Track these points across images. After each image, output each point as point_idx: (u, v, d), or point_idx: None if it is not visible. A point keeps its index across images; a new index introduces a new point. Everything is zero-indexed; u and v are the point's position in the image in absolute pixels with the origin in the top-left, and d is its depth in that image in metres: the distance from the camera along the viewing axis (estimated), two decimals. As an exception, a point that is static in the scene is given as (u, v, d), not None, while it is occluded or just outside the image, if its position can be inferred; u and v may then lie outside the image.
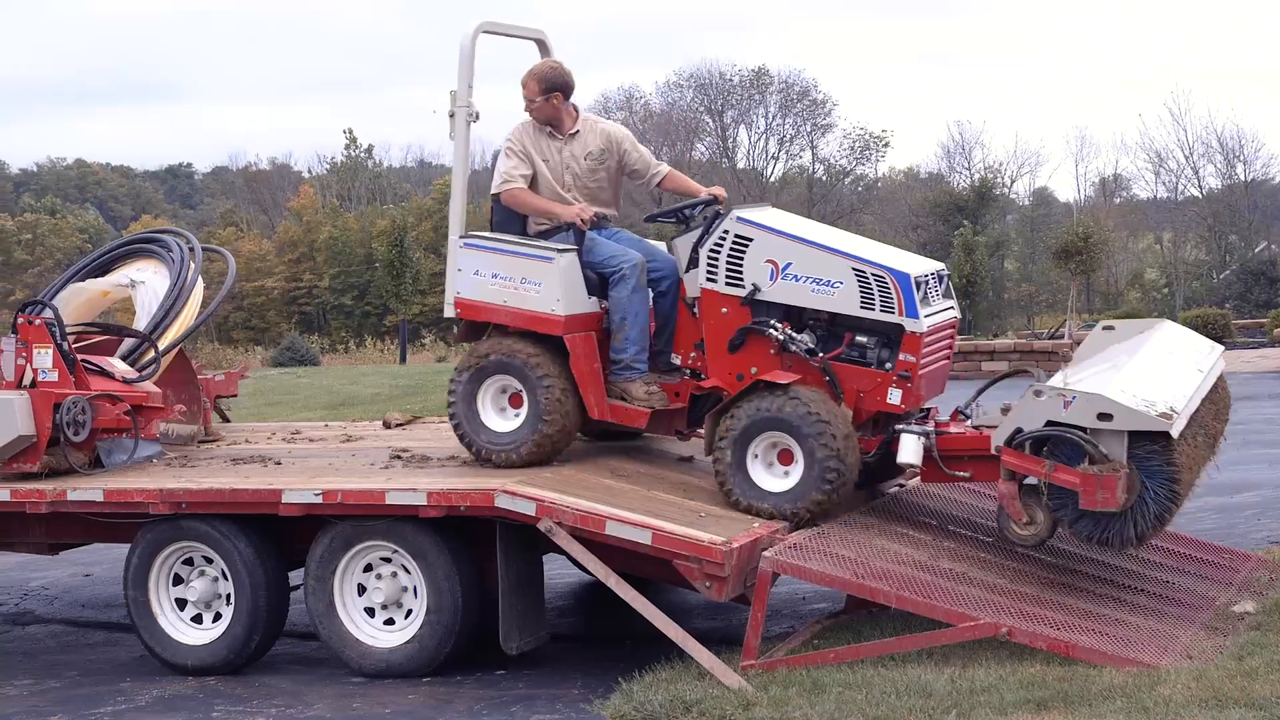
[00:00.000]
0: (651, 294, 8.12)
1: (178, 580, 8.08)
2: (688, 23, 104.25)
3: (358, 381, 23.86)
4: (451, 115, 8.23)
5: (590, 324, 8.01)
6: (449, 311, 8.22)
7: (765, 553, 7.02)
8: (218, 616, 8.03)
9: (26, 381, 8.38)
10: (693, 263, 7.91)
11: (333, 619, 7.71)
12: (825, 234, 8.00)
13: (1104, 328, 7.97)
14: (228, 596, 7.95)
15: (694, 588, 7.03)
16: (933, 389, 7.84)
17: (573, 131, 8.33)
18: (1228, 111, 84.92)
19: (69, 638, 9.34)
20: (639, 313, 7.97)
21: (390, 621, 7.72)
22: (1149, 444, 6.90)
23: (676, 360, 8.07)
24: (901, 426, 7.59)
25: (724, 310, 7.79)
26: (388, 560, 7.69)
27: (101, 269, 10.24)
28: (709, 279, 7.81)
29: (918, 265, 7.74)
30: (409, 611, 7.67)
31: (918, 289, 7.49)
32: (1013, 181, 61.03)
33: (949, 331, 7.94)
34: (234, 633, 7.91)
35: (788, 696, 6.39)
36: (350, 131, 68.25)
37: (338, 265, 56.38)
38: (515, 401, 7.99)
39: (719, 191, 8.22)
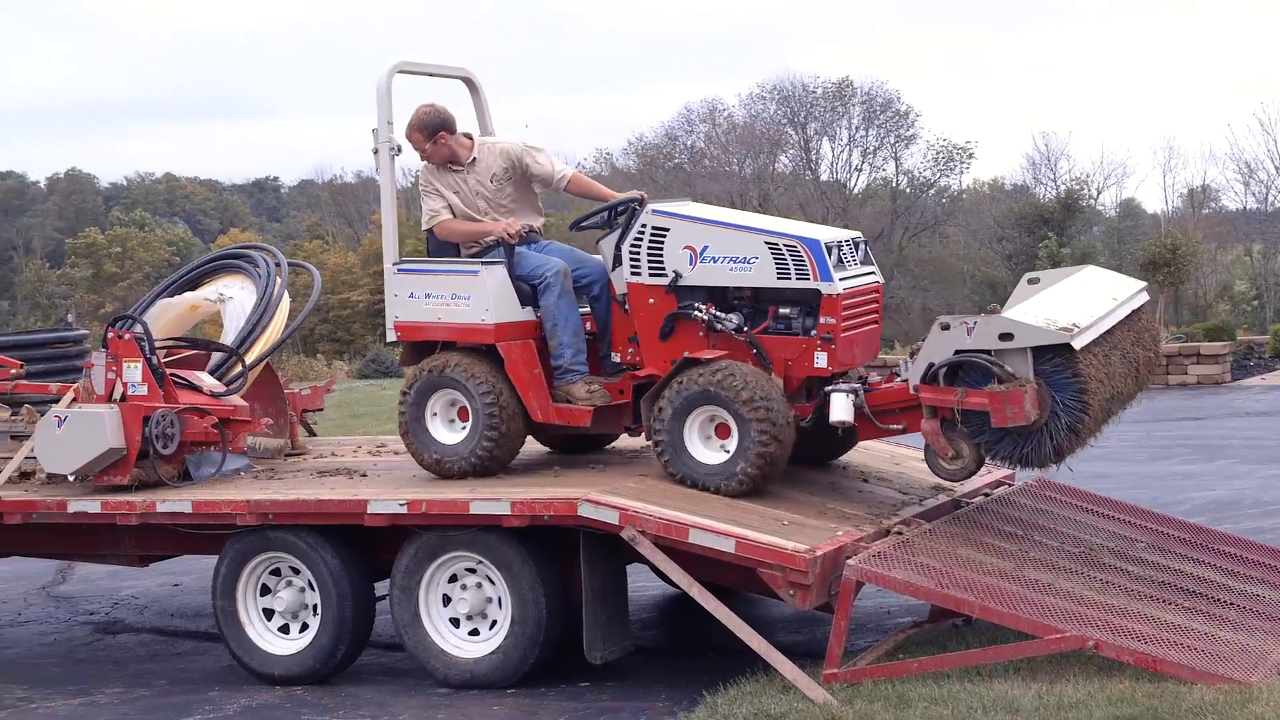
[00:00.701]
0: (587, 300, 8.34)
1: (265, 590, 8.17)
2: (771, 34, 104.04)
3: (441, 394, 23.95)
4: (375, 152, 8.41)
5: (525, 332, 8.17)
6: (390, 337, 8.46)
7: (849, 561, 6.99)
8: (305, 626, 8.11)
9: (116, 395, 8.50)
10: (617, 261, 8.12)
11: (418, 629, 7.76)
12: (738, 216, 8.40)
13: (1029, 280, 8.08)
14: (314, 607, 8.02)
15: (778, 596, 7.03)
16: (863, 352, 8.04)
17: (471, 160, 8.50)
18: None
19: (158, 646, 9.45)
20: (569, 317, 8.16)
21: (475, 632, 7.75)
22: (1053, 358, 7.11)
23: (616, 358, 8.25)
24: (831, 388, 7.72)
25: (651, 301, 8.02)
26: (472, 571, 7.73)
27: (190, 284, 10.38)
28: (633, 273, 8.04)
29: (829, 233, 8.01)
30: (494, 622, 7.70)
31: (830, 254, 7.72)
32: (1099, 193, 60.27)
33: (872, 296, 8.14)
34: (320, 643, 7.98)
35: (873, 711, 6.35)
36: (434, 145, 68.47)
37: (421, 278, 56.52)
38: (463, 414, 8.14)
39: (639, 194, 8.33)
